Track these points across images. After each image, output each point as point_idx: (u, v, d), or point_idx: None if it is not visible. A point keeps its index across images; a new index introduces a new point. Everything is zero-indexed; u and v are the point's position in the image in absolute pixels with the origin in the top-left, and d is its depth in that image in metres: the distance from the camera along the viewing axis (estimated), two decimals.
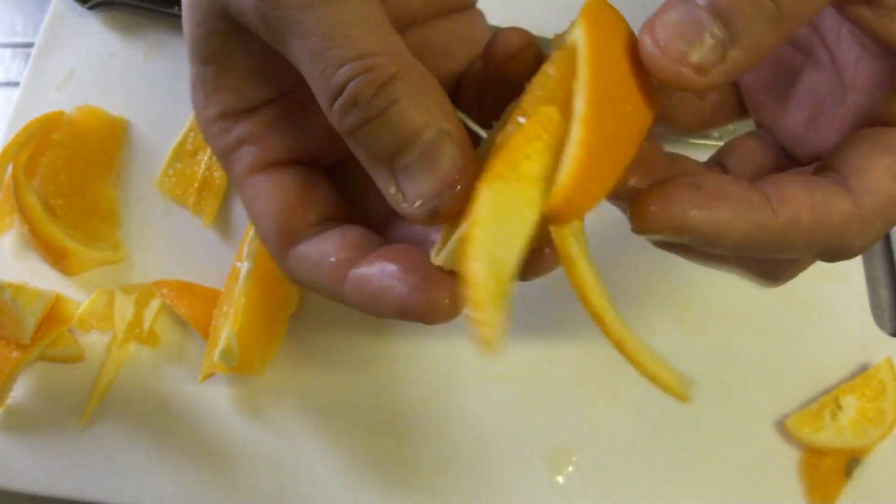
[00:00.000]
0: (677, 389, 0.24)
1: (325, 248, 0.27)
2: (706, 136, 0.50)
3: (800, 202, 0.24)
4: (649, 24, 0.23)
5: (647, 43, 0.23)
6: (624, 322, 0.23)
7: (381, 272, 0.25)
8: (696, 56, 0.23)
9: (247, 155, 0.29)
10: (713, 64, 0.23)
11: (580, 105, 0.22)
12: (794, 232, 0.24)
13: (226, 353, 0.40)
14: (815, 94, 0.30)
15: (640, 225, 0.25)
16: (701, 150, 0.41)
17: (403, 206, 0.24)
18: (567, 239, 0.22)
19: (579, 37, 0.24)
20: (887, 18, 0.25)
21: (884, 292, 0.50)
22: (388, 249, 0.26)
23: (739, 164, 0.31)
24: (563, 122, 0.23)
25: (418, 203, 0.24)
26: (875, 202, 0.25)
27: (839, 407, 0.43)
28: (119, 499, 0.42)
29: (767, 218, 0.24)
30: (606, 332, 0.24)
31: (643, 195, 0.24)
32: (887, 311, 0.49)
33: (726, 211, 0.24)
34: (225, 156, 0.29)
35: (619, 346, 0.24)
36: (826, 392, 0.44)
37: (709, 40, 0.23)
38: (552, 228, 0.22)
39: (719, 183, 0.24)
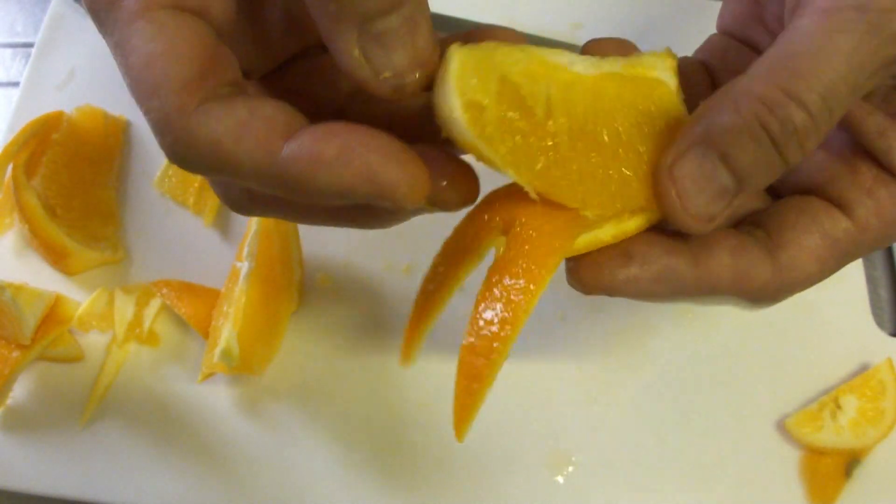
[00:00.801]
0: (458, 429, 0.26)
1: (257, 108, 0.22)
2: None
3: (722, 269, 0.26)
4: (668, 169, 0.24)
5: (666, 190, 0.24)
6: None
7: (343, 133, 0.22)
8: (709, 209, 0.25)
9: None
10: (720, 213, 0.25)
11: None
12: (713, 293, 0.27)
13: (226, 353, 0.40)
14: None
15: (575, 285, 0.28)
16: None
17: (364, 73, 0.22)
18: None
19: None
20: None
21: (884, 292, 0.50)
22: (352, 128, 0.22)
23: None
24: None
25: (386, 74, 0.22)
26: (794, 278, 0.27)
27: (839, 407, 0.43)
28: (119, 499, 0.42)
29: (688, 286, 0.26)
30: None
31: (579, 261, 0.26)
32: (887, 311, 0.49)
33: (649, 279, 0.26)
34: None
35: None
36: (826, 392, 0.44)
37: (721, 193, 0.24)
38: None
39: (647, 251, 0.26)
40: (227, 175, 0.23)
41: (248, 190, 0.26)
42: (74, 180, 0.50)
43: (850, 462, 0.43)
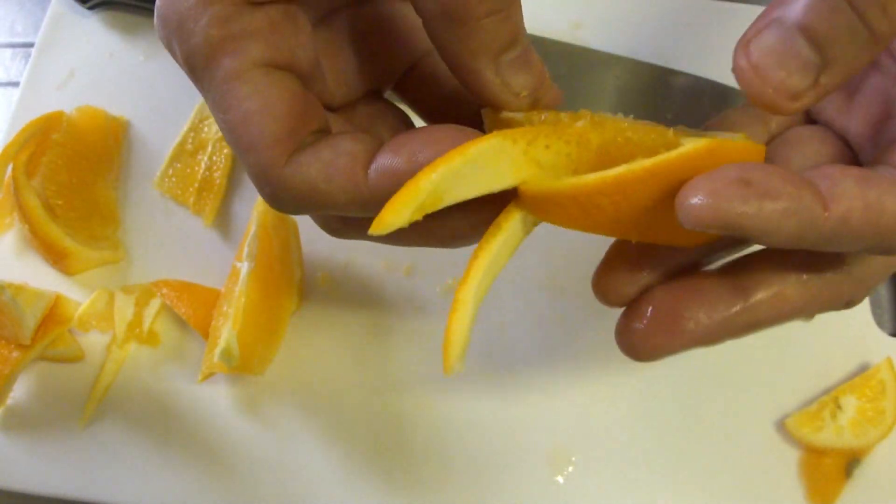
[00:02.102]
0: (451, 360, 0.25)
1: (338, 145, 0.26)
2: None
3: (852, 200, 0.23)
4: (744, 44, 0.24)
5: (743, 67, 0.24)
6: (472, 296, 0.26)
7: (408, 141, 0.25)
8: (791, 83, 0.23)
9: (249, 49, 0.26)
10: (806, 90, 0.23)
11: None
12: (845, 230, 0.24)
13: (226, 353, 0.40)
14: (885, 96, 0.29)
15: (685, 218, 0.23)
16: None
17: (507, 95, 0.27)
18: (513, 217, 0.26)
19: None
20: None
21: (884, 292, 0.50)
22: (415, 132, 0.26)
23: (797, 156, 0.30)
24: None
25: (524, 93, 0.27)
26: None
27: (839, 407, 0.43)
28: (119, 499, 0.42)
29: (817, 217, 0.23)
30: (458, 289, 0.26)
31: (689, 187, 0.23)
32: (887, 311, 0.49)
33: (775, 210, 0.22)
34: (219, 46, 0.25)
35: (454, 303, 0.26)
36: (826, 392, 0.44)
37: (803, 67, 0.23)
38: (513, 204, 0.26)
39: (768, 178, 0.23)
40: (327, 210, 0.27)
41: (343, 218, 0.29)
42: (74, 180, 0.50)
43: (850, 462, 0.43)
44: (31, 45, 0.60)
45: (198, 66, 0.26)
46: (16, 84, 0.58)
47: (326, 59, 0.29)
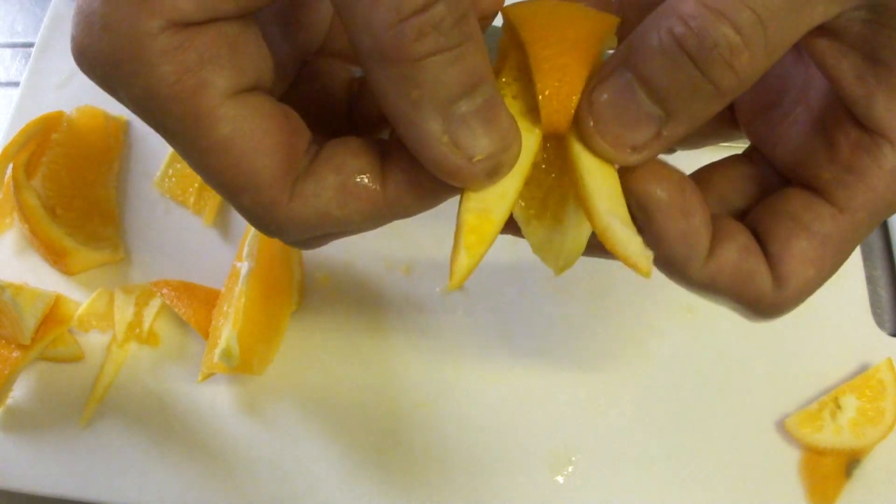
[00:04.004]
0: (641, 265, 0.23)
1: (342, 166, 0.23)
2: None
3: (727, 263, 0.25)
4: (587, 100, 0.23)
5: (583, 118, 0.23)
6: (611, 215, 0.23)
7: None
8: (630, 137, 0.22)
9: (214, 81, 0.22)
10: (648, 143, 0.23)
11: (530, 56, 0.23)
12: (712, 284, 0.25)
13: (226, 353, 0.40)
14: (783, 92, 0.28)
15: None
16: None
17: (455, 160, 0.22)
18: (571, 141, 0.24)
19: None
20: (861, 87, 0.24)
21: (884, 292, 0.50)
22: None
23: (722, 186, 0.29)
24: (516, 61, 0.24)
25: (479, 157, 0.22)
26: (795, 288, 0.25)
27: (839, 407, 0.43)
28: (119, 499, 0.42)
29: (697, 262, 0.25)
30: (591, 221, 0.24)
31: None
32: (887, 311, 0.49)
33: (676, 229, 0.24)
34: (177, 86, 0.21)
35: (601, 235, 0.24)
36: (826, 392, 0.44)
37: (645, 121, 0.22)
38: (567, 142, 0.23)
39: (691, 200, 0.24)
40: (336, 232, 0.24)
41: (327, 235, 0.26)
42: (74, 180, 0.50)
43: (850, 462, 0.43)
44: (31, 45, 0.60)
45: (155, 112, 0.22)
46: (16, 84, 0.58)
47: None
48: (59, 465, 0.43)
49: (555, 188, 0.25)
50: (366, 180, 0.23)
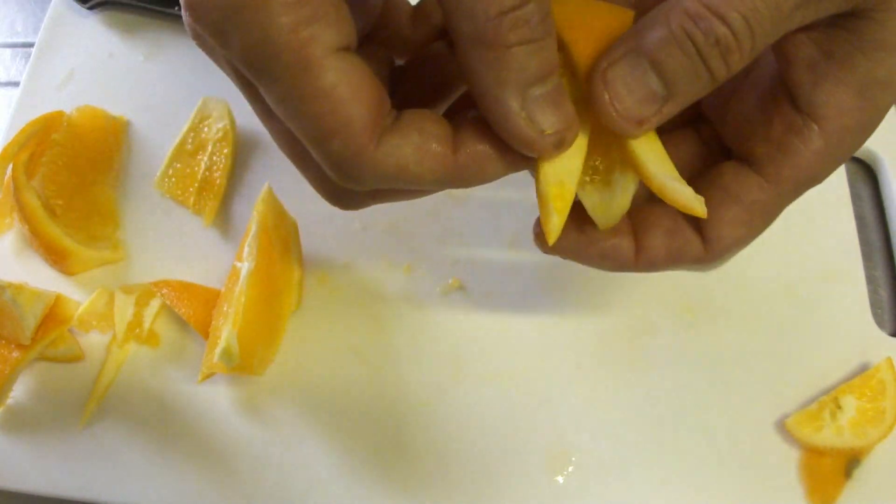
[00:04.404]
0: (697, 209, 0.28)
1: (425, 128, 0.27)
2: None
3: (658, 250, 0.31)
4: (602, 71, 0.26)
5: (598, 92, 0.26)
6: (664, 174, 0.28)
7: (488, 130, 0.27)
8: (639, 111, 0.26)
9: (323, 36, 0.25)
10: (650, 117, 0.27)
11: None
12: (654, 269, 0.31)
13: (226, 353, 0.40)
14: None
15: (537, 242, 0.31)
16: None
17: (529, 132, 0.26)
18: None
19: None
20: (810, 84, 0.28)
21: (884, 292, 0.50)
22: (483, 123, 0.27)
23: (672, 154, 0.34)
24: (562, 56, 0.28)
25: (549, 132, 0.26)
26: (725, 247, 0.30)
27: (839, 407, 0.43)
28: (119, 499, 0.42)
29: (629, 263, 0.31)
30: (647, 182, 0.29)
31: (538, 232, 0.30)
32: (887, 311, 0.49)
33: (594, 255, 0.31)
34: (293, 34, 0.24)
35: (659, 192, 0.28)
36: (826, 392, 0.44)
37: (651, 98, 0.26)
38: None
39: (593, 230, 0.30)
40: (405, 189, 0.28)
41: (375, 192, 0.30)
42: (74, 180, 0.50)
43: (850, 462, 0.43)
44: (31, 45, 0.60)
45: (265, 58, 0.25)
46: (16, 84, 0.58)
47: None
48: (59, 465, 0.43)
49: (604, 159, 0.29)
50: (441, 145, 0.27)
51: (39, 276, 0.48)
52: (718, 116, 0.33)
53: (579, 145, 0.28)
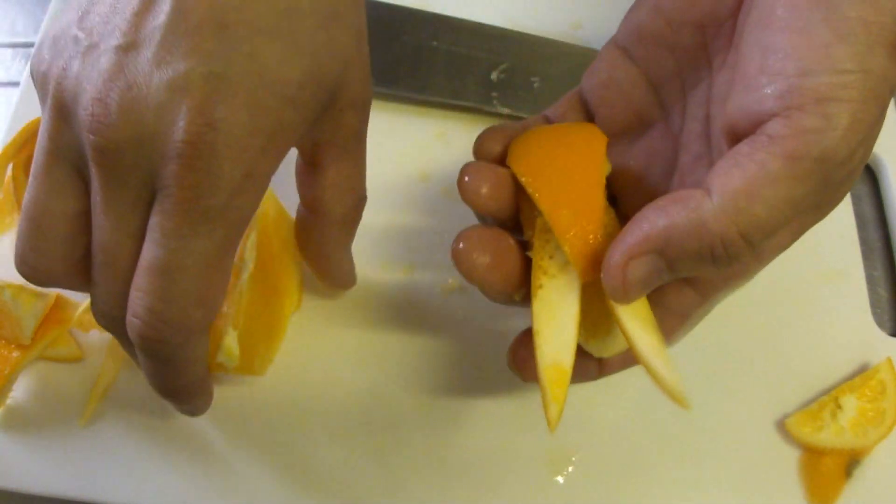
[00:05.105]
0: (679, 400, 0.29)
1: None
2: None
3: (616, 364, 0.35)
4: (623, 269, 0.28)
5: (613, 277, 0.28)
6: (650, 346, 0.29)
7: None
8: (641, 289, 0.29)
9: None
10: (649, 287, 0.29)
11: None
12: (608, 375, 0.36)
13: (226, 354, 0.40)
14: (652, 152, 0.35)
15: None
16: None
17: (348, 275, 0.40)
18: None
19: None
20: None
21: (884, 292, 0.50)
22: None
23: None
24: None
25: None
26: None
27: (839, 407, 0.43)
28: (119, 499, 0.42)
29: (591, 378, 0.36)
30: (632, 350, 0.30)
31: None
32: (887, 311, 0.49)
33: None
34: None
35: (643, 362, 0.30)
36: (826, 392, 0.44)
37: (657, 276, 0.28)
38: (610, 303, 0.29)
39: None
40: None
41: None
42: None
43: (850, 462, 0.43)
44: (31, 45, 0.60)
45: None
46: (16, 84, 0.58)
47: None
48: (59, 465, 0.43)
49: (600, 312, 0.31)
50: None
51: None
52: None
53: (569, 314, 0.29)
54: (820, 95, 0.25)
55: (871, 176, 0.53)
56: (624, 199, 0.36)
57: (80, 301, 0.47)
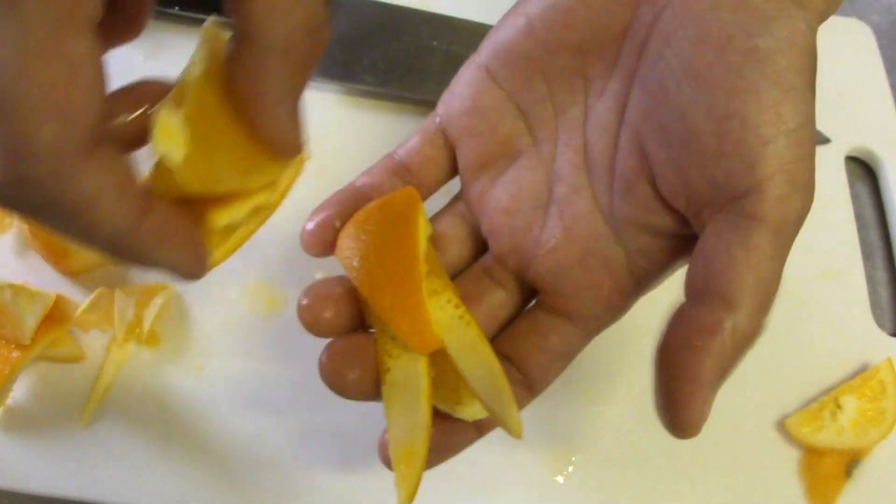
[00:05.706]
0: (513, 434, 0.32)
1: (124, 164, 0.25)
2: None
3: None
4: (698, 422, 0.31)
5: (696, 428, 0.30)
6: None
7: (182, 220, 0.29)
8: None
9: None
10: None
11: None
12: None
13: (162, 133, 0.27)
14: (521, 184, 0.33)
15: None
16: None
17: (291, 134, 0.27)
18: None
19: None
20: None
21: (884, 292, 0.50)
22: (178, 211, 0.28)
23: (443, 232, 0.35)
24: None
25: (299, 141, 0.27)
26: (542, 389, 0.37)
27: (839, 407, 0.43)
28: (119, 499, 0.42)
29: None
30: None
31: None
32: (887, 311, 0.49)
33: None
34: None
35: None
36: (826, 392, 0.44)
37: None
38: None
39: None
40: (68, 231, 0.23)
41: None
42: None
43: (850, 462, 0.43)
44: None
45: None
46: None
47: None
48: (59, 465, 0.43)
49: (458, 376, 0.31)
50: (141, 196, 0.26)
51: (39, 276, 0.48)
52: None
53: (417, 392, 0.30)
54: (783, 161, 0.26)
55: (871, 176, 0.53)
56: (496, 239, 0.34)
57: (80, 301, 0.47)
